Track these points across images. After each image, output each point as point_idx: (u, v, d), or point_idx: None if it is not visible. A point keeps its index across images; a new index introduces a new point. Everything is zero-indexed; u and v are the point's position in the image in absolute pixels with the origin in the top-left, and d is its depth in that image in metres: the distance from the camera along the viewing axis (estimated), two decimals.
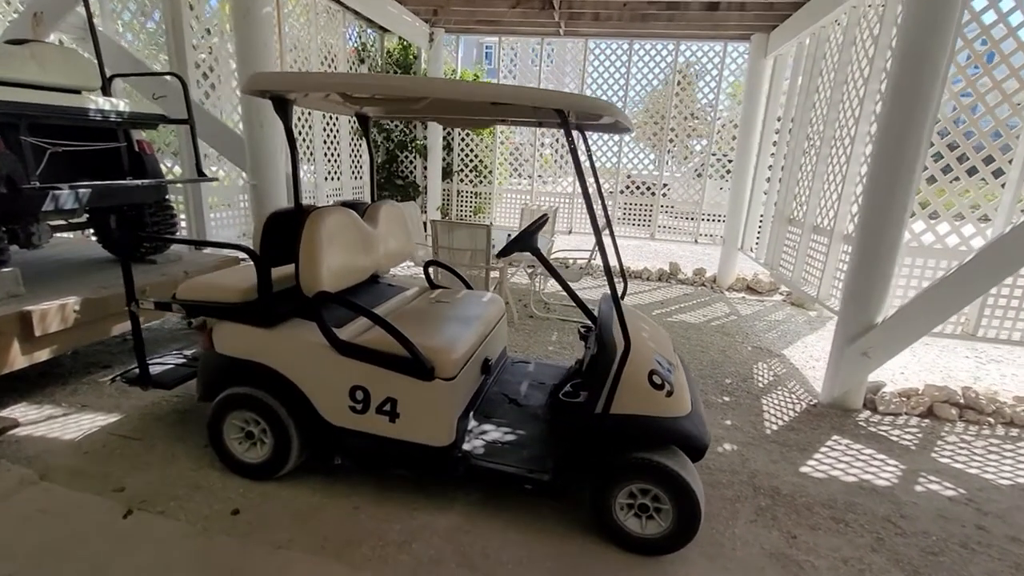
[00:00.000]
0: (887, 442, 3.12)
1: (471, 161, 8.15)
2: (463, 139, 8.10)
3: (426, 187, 8.19)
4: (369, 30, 7.50)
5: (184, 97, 3.55)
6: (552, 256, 5.57)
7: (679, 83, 7.35)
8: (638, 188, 8.00)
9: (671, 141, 7.59)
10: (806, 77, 5.43)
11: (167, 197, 3.83)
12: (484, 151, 8.10)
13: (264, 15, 3.83)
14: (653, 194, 7.89)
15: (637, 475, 1.98)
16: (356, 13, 6.85)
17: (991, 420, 3.40)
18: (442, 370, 2.09)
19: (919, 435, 3.22)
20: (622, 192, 8.05)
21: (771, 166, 6.58)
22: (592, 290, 6.35)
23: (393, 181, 8.24)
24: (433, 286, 3.20)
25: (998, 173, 3.45)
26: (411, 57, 7.76)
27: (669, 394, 2.04)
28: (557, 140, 8.43)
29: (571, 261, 5.53)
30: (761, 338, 5.08)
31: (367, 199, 7.90)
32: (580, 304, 2.83)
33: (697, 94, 7.50)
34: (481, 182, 8.23)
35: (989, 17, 3.27)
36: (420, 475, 2.36)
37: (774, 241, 5.91)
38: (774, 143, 6.50)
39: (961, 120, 3.49)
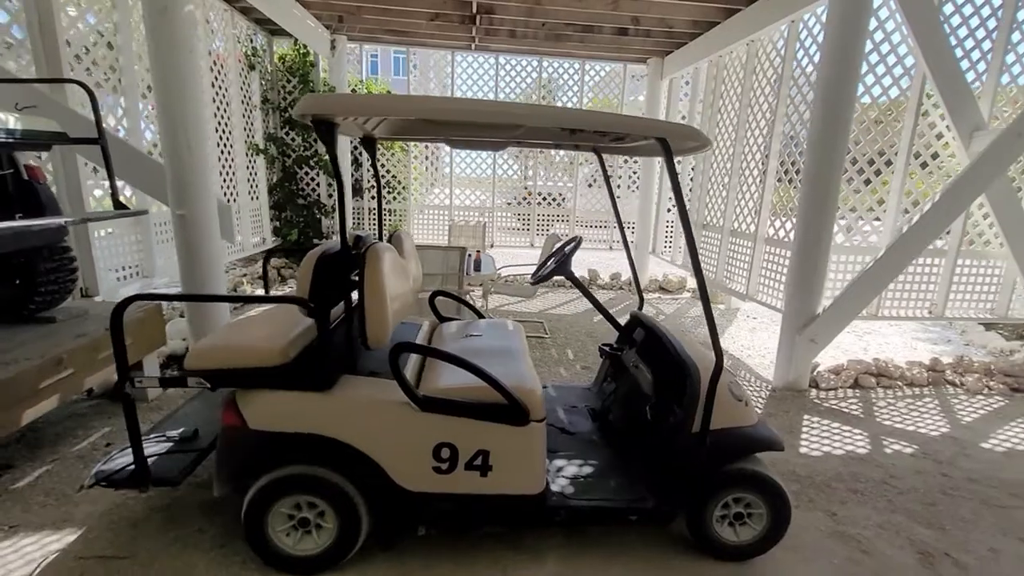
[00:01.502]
0: (843, 414, 3.65)
1: (383, 176, 7.72)
2: None
3: (334, 206, 7.56)
4: (258, 34, 6.73)
5: (93, 111, 2.82)
6: (499, 272, 5.52)
7: (543, 97, 7.79)
8: (542, 200, 8.26)
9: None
10: (708, 98, 6.14)
11: (65, 238, 3.01)
12: (397, 166, 7.74)
13: (186, 14, 3.22)
14: (559, 204, 8.28)
15: (735, 486, 2.07)
16: (244, 13, 6.12)
17: (899, 383, 4.17)
18: (534, 412, 1.96)
19: (860, 404, 3.83)
20: (531, 203, 8.25)
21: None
22: (539, 303, 6.41)
23: (294, 200, 7.46)
24: (441, 318, 2.97)
25: (885, 183, 4.25)
26: (308, 64, 7.12)
27: (746, 404, 2.16)
28: (432, 152, 8.20)
29: (514, 278, 5.53)
30: (695, 334, 5.60)
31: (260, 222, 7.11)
32: (611, 320, 2.87)
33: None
34: (395, 198, 7.84)
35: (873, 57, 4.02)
36: (515, 528, 2.17)
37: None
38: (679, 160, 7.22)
39: (858, 140, 4.23)
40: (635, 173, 8.00)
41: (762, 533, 2.11)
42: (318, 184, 7.66)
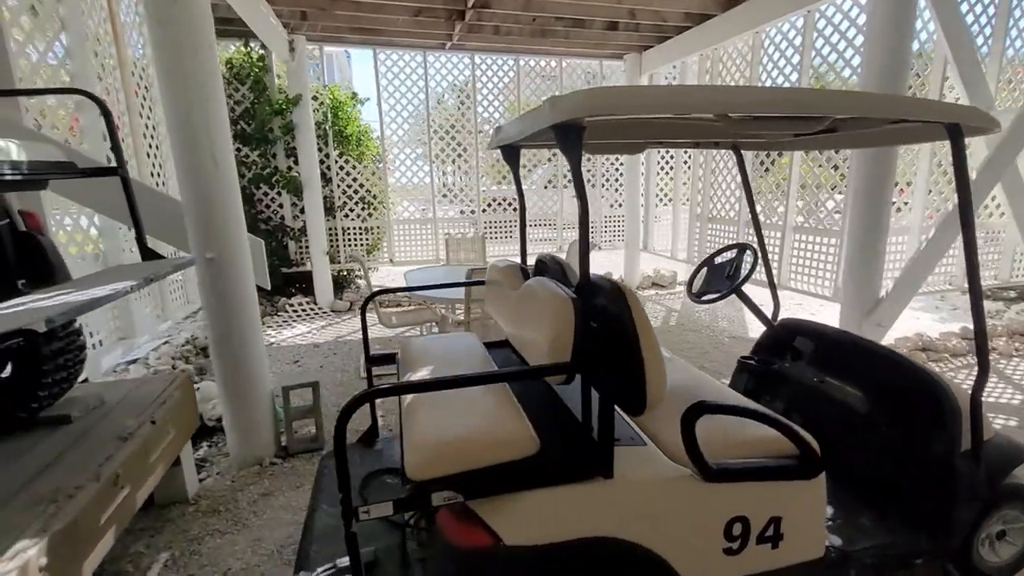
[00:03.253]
0: None
1: (356, 192, 6.96)
2: (341, 167, 6.86)
3: (303, 228, 6.69)
4: None
5: (108, 130, 2.08)
6: None
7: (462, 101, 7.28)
8: (498, 204, 7.86)
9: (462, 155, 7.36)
10: None
11: None
12: (371, 179, 7.01)
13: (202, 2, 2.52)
14: (515, 209, 7.82)
15: (1006, 502, 1.90)
16: None
17: (945, 355, 4.36)
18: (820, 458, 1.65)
19: None
20: (484, 211, 7.68)
21: (662, 171, 7.29)
22: None
23: (256, 225, 6.50)
24: None
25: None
26: (262, 69, 6.22)
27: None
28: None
29: None
30: (719, 327, 5.57)
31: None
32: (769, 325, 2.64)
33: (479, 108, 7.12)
34: (371, 215, 7.10)
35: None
36: None
37: (694, 239, 6.55)
38: (662, 156, 7.21)
39: None
40: (607, 172, 7.87)
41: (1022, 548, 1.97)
42: (280, 205, 6.75)
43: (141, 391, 2.44)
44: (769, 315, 2.66)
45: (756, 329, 5.45)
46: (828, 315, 5.16)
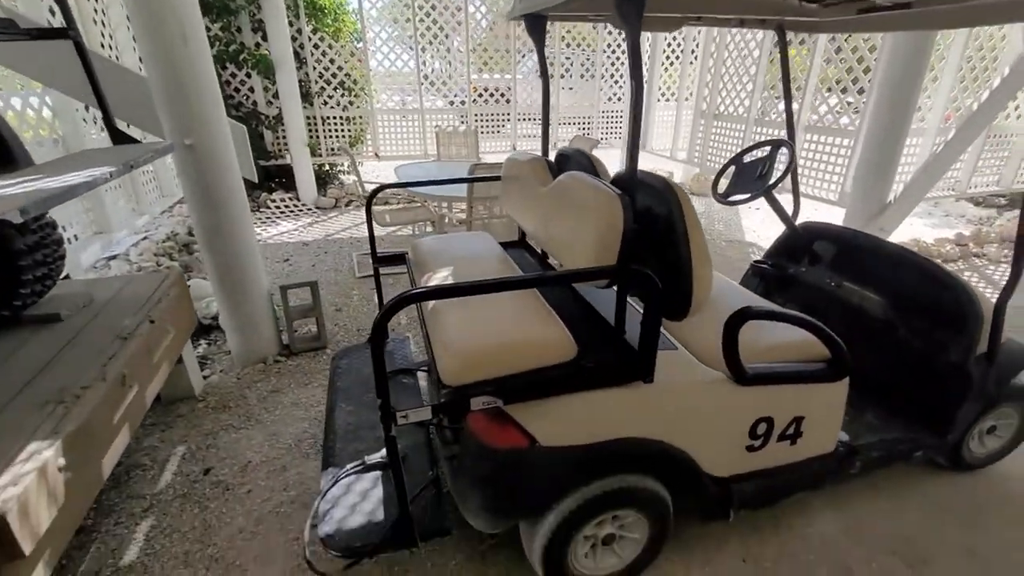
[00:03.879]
0: None
1: (334, 76, 6.32)
2: (316, 46, 6.15)
3: (278, 116, 6.15)
4: None
5: None
6: None
7: None
8: (490, 95, 7.18)
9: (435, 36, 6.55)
10: None
11: None
12: (350, 61, 6.34)
13: None
14: (508, 100, 7.13)
15: (1006, 402, 1.98)
16: None
17: (940, 261, 4.41)
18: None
19: None
20: (475, 101, 7.06)
21: (667, 62, 6.77)
22: None
23: (227, 112, 5.92)
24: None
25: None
26: None
27: None
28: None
29: None
30: (716, 231, 5.52)
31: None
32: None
33: None
34: (352, 103, 6.53)
35: None
36: (814, 489, 1.93)
37: (697, 137, 6.25)
38: (668, 44, 6.64)
39: None
40: (605, 62, 7.26)
41: (1010, 440, 2.09)
42: (251, 88, 6.13)
43: (132, 289, 2.30)
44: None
45: (752, 233, 5.44)
46: (823, 219, 5.13)
